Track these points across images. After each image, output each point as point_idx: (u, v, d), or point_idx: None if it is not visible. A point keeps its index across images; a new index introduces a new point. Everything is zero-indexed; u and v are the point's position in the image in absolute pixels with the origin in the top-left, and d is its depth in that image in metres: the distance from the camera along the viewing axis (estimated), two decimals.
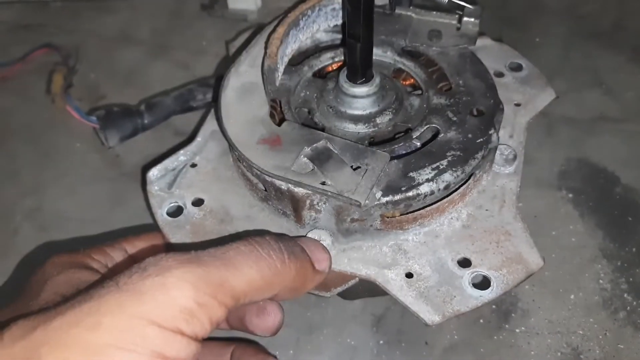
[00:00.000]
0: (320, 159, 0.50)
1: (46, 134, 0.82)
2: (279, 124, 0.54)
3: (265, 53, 0.56)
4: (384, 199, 0.49)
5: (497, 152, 0.57)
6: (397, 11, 0.64)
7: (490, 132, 0.53)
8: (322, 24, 0.64)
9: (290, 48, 0.61)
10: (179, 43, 0.94)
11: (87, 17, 0.98)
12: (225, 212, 0.56)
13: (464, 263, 0.51)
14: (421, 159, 0.51)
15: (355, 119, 0.57)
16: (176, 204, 0.56)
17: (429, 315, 0.49)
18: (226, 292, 0.36)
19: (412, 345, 0.65)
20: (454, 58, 0.61)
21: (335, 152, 0.51)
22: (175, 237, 0.53)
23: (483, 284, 0.50)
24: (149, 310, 0.33)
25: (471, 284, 0.50)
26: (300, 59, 0.64)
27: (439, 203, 0.52)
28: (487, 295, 0.49)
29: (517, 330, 0.66)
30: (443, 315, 0.48)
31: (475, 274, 0.50)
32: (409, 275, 0.51)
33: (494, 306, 0.68)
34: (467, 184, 0.53)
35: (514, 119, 0.62)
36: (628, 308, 0.68)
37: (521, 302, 0.68)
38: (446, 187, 0.50)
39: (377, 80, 0.56)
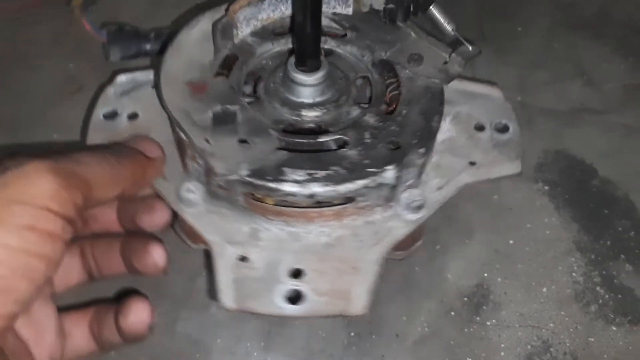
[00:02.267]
0: (222, 121, 0.53)
1: (24, 125, 0.82)
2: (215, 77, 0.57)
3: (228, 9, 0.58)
4: (245, 177, 0.49)
5: (405, 194, 0.55)
6: (398, 24, 0.63)
7: (387, 168, 0.51)
8: None
9: (267, 14, 0.62)
10: None
11: None
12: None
13: (296, 274, 0.51)
14: (306, 160, 0.51)
15: (286, 102, 0.57)
16: (114, 110, 0.60)
17: (226, 298, 0.50)
18: (79, 179, 0.40)
19: (382, 337, 0.65)
20: (419, 87, 0.59)
21: (238, 120, 0.53)
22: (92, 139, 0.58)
23: (295, 299, 0.50)
24: (13, 193, 0.36)
25: (283, 295, 0.50)
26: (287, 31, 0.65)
27: (306, 210, 0.52)
28: (289, 308, 0.49)
29: (488, 323, 0.67)
30: (238, 305, 0.49)
31: (295, 287, 0.50)
32: (243, 259, 0.52)
33: (465, 299, 0.68)
34: (344, 206, 0.53)
35: (457, 174, 0.58)
36: (600, 301, 0.68)
37: (493, 295, 0.68)
38: (311, 196, 0.50)
39: (319, 74, 0.56)
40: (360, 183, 0.50)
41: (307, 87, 0.57)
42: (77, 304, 0.53)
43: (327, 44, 0.63)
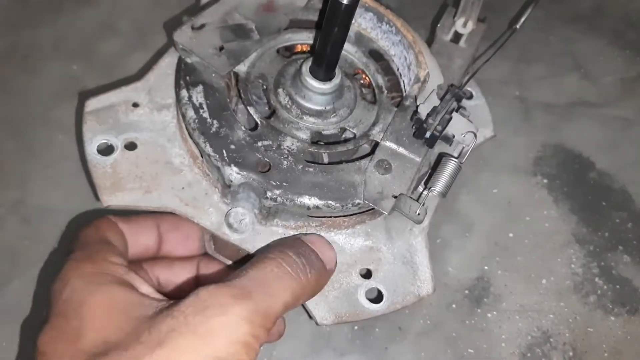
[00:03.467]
0: (237, 31, 0.56)
1: (28, 127, 0.83)
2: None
3: None
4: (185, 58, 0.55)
5: (236, 210, 0.51)
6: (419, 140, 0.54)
7: (231, 171, 0.51)
8: None
9: None
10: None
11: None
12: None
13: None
14: (216, 110, 0.54)
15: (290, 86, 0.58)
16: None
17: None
18: (270, 319, 0.41)
19: (385, 331, 0.67)
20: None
21: (242, 42, 0.56)
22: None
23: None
24: (218, 349, 0.38)
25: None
26: None
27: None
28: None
29: (489, 315, 0.68)
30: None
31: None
32: None
33: (466, 291, 0.69)
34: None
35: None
36: (598, 292, 0.70)
37: (493, 287, 0.70)
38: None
39: (332, 84, 0.56)
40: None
41: (319, 95, 0.56)
42: None
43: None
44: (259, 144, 0.51)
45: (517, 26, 0.64)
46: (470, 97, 0.66)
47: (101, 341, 0.39)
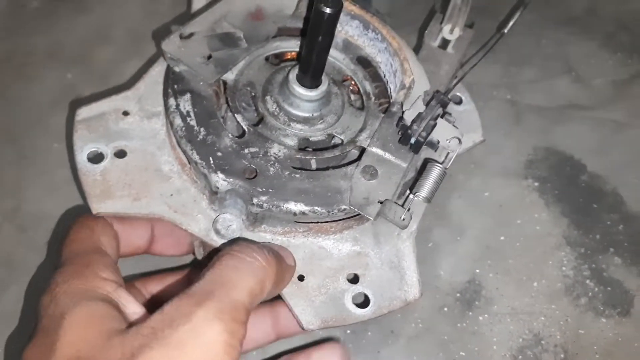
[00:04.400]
0: (225, 39, 0.56)
1: (23, 135, 0.84)
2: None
3: None
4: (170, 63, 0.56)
5: (225, 216, 0.51)
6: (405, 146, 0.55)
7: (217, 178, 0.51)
8: None
9: None
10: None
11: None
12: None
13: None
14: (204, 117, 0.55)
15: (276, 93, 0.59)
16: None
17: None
18: (240, 310, 0.41)
19: (378, 334, 0.67)
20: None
21: (230, 49, 0.57)
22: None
23: None
24: (194, 356, 0.38)
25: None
26: None
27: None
28: None
29: (481, 318, 0.68)
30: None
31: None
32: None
33: (458, 294, 0.70)
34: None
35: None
36: (590, 294, 0.70)
37: (485, 290, 0.70)
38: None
39: (318, 91, 0.56)
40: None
41: (306, 102, 0.57)
42: None
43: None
44: (246, 151, 0.52)
45: (505, 30, 0.65)
46: (459, 102, 0.66)
47: (73, 356, 0.38)
